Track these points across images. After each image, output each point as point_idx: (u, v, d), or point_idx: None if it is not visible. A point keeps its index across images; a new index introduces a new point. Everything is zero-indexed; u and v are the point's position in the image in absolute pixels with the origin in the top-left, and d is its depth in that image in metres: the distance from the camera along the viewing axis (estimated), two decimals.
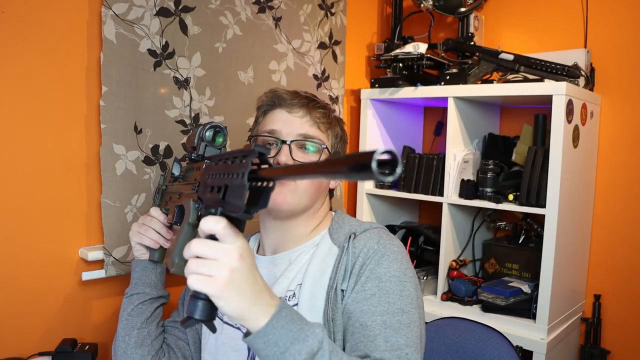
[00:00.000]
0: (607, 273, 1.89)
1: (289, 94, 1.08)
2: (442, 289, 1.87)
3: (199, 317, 0.64)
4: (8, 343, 1.29)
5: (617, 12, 1.85)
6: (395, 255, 0.94)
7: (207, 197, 0.70)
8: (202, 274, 0.63)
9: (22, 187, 1.31)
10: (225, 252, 0.64)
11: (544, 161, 1.67)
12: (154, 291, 1.10)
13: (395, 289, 0.90)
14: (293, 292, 0.99)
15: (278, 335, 0.68)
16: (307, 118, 1.06)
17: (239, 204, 0.61)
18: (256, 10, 1.74)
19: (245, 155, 0.63)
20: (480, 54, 1.86)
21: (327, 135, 1.08)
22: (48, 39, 1.32)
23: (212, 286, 0.63)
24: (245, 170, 0.61)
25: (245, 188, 0.60)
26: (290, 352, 0.68)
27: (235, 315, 0.66)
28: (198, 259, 0.64)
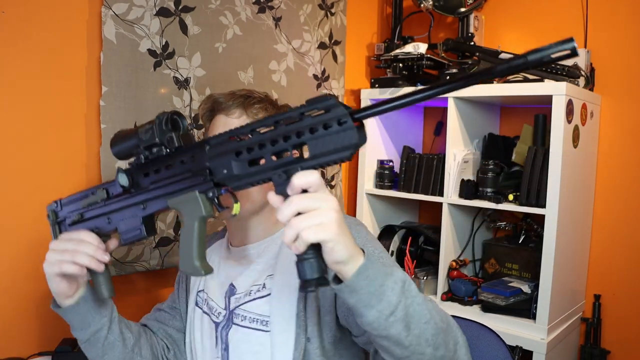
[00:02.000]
0: (607, 273, 1.89)
1: (225, 96, 1.06)
2: (442, 289, 1.87)
3: (317, 274, 0.66)
4: (8, 343, 1.29)
5: (617, 13, 1.85)
6: (370, 236, 1.00)
7: (272, 163, 0.70)
8: (312, 225, 0.65)
9: (22, 187, 1.31)
10: (324, 199, 0.67)
11: (544, 161, 1.67)
12: (104, 320, 0.98)
13: (387, 261, 0.96)
14: (263, 284, 1.00)
15: (375, 270, 0.71)
16: (244, 117, 1.04)
17: (348, 145, 0.65)
18: (256, 10, 1.74)
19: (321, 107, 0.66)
20: (480, 54, 1.86)
21: None
22: (48, 39, 1.32)
23: (328, 231, 0.66)
24: (344, 115, 0.65)
25: (355, 130, 0.64)
26: (388, 285, 0.72)
27: (346, 256, 0.68)
28: (300, 215, 0.65)
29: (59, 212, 0.99)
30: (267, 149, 0.70)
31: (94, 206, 0.93)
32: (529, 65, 0.55)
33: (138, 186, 0.87)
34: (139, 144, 0.85)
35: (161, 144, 0.83)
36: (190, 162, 0.80)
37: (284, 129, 0.68)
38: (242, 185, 0.75)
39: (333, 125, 0.65)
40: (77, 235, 0.90)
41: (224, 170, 0.75)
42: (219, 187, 0.78)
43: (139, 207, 0.87)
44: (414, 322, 0.74)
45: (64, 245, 0.89)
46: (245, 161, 0.72)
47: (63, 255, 0.88)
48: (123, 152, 0.89)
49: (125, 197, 0.89)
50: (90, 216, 0.93)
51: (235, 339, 1.00)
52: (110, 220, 0.91)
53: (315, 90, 1.98)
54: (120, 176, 0.86)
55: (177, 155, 0.82)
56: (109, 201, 0.91)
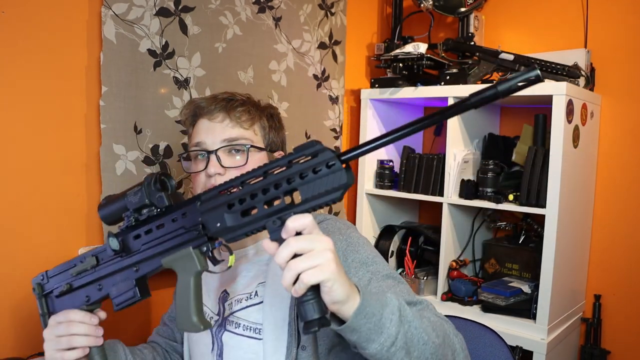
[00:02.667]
0: (607, 273, 1.89)
1: (207, 100, 1.06)
2: (442, 289, 1.87)
3: (319, 314, 0.67)
4: (8, 343, 1.29)
5: (617, 12, 1.85)
6: (362, 240, 1.00)
7: (264, 212, 0.71)
8: (310, 267, 0.66)
9: (22, 187, 1.31)
10: (319, 240, 0.68)
11: (544, 161, 1.67)
12: None
13: (381, 266, 0.96)
14: (255, 291, 1.00)
15: (372, 305, 0.72)
16: (227, 121, 1.03)
17: (338, 187, 0.66)
18: (256, 10, 1.74)
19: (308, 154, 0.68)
20: (481, 54, 1.86)
21: (252, 130, 1.05)
22: (48, 39, 1.32)
23: (326, 272, 0.67)
24: (332, 159, 0.66)
25: (343, 171, 0.66)
26: (385, 316, 0.73)
27: (344, 296, 0.69)
28: (296, 258, 0.66)
29: (45, 284, 0.97)
30: (259, 198, 0.71)
31: (84, 274, 0.92)
32: (499, 94, 0.60)
33: (129, 249, 0.87)
34: (128, 207, 0.86)
35: (151, 204, 0.84)
36: (182, 219, 0.81)
37: (274, 177, 0.70)
38: (236, 237, 0.75)
39: (322, 169, 0.67)
40: (65, 316, 0.90)
41: (217, 224, 0.76)
42: (213, 241, 0.79)
43: (132, 269, 0.87)
44: (414, 346, 0.75)
45: (56, 332, 0.89)
46: (238, 212, 0.74)
47: (59, 343, 0.88)
48: (112, 217, 0.89)
49: (116, 260, 0.89)
50: (79, 285, 0.92)
51: (229, 346, 1.00)
52: (102, 287, 0.90)
53: (316, 90, 1.98)
54: (112, 240, 0.86)
55: (168, 214, 0.83)
56: (99, 267, 0.90)
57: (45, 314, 0.96)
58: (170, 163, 1.54)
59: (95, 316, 0.91)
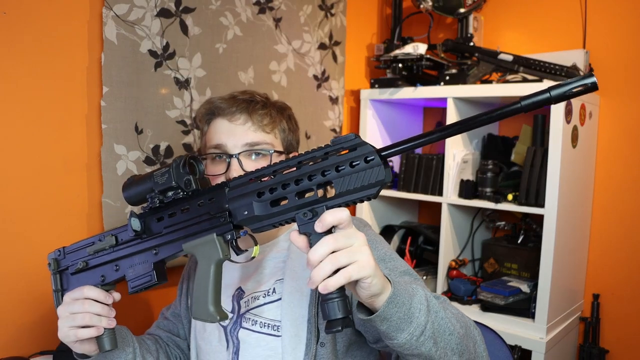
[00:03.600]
0: (606, 273, 1.90)
1: (226, 101, 1.04)
2: (441, 289, 1.88)
3: (343, 314, 0.66)
4: (9, 342, 1.30)
5: (616, 13, 1.86)
6: (378, 238, 1.01)
7: (295, 203, 0.69)
8: (353, 262, 0.65)
9: (23, 187, 1.31)
10: (356, 236, 0.67)
11: (542, 161, 1.68)
12: (130, 357, 0.98)
13: (398, 262, 0.96)
14: (272, 288, 0.99)
15: (402, 295, 0.72)
16: (250, 124, 1.02)
17: (375, 182, 0.64)
18: (256, 11, 1.75)
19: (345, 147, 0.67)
20: (480, 54, 1.87)
21: (273, 134, 1.05)
22: (49, 40, 1.32)
23: (368, 268, 0.66)
24: (371, 153, 0.65)
25: (382, 167, 0.64)
26: (414, 306, 0.73)
27: (380, 289, 0.69)
28: (333, 255, 0.65)
29: (62, 260, 0.95)
30: (291, 188, 0.69)
31: (101, 253, 0.90)
32: (552, 100, 0.57)
33: (150, 231, 0.85)
34: (154, 188, 0.83)
35: (178, 187, 0.82)
36: (208, 205, 0.79)
37: (308, 168, 0.68)
38: (263, 227, 0.74)
39: (360, 163, 0.65)
40: (80, 293, 0.87)
41: (245, 212, 0.74)
42: (238, 230, 0.77)
43: (151, 252, 0.85)
44: (440, 336, 0.75)
45: (71, 309, 0.86)
46: (268, 202, 0.72)
47: (75, 320, 0.85)
48: (137, 197, 0.87)
49: (136, 242, 0.87)
50: (95, 264, 0.90)
51: (247, 343, 0.99)
52: (119, 268, 0.89)
53: (316, 91, 1.98)
54: (134, 221, 0.84)
55: (195, 198, 0.81)
56: (118, 247, 0.88)
57: (58, 290, 0.94)
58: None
59: (110, 295, 0.88)
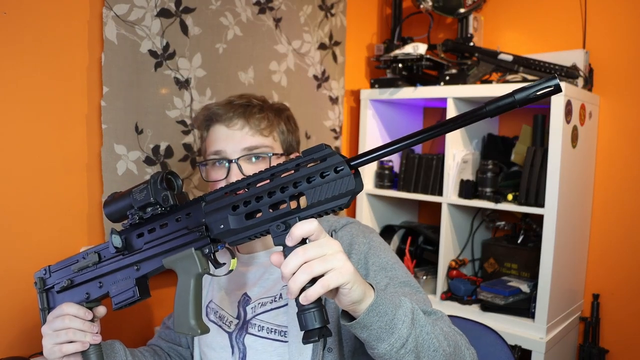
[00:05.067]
0: (606, 272, 1.90)
1: (223, 107, 1.05)
2: (441, 289, 1.88)
3: (320, 323, 0.66)
4: (9, 342, 1.30)
5: (616, 13, 1.86)
6: (383, 246, 1.01)
7: (269, 215, 0.70)
8: (328, 269, 0.65)
9: (23, 187, 1.32)
10: (329, 244, 0.67)
11: (542, 161, 1.68)
12: None
13: (401, 272, 0.96)
14: (279, 294, 0.99)
15: (386, 304, 0.72)
16: (247, 128, 1.03)
17: (345, 192, 0.65)
18: (256, 11, 1.75)
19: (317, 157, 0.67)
20: (480, 54, 1.87)
21: (272, 137, 1.05)
22: (49, 40, 1.32)
23: (346, 274, 0.66)
24: (340, 163, 0.65)
25: (351, 177, 0.65)
26: (398, 317, 0.72)
27: (361, 295, 0.69)
28: (306, 264, 0.65)
29: (47, 279, 0.96)
30: (264, 201, 0.70)
31: (85, 271, 0.91)
32: (516, 104, 0.59)
33: (131, 247, 0.86)
34: (133, 204, 0.84)
35: (156, 202, 0.82)
36: (185, 219, 0.80)
37: (280, 180, 0.69)
38: (239, 240, 0.74)
39: (330, 173, 0.66)
40: (61, 309, 0.87)
41: (221, 226, 0.74)
42: (216, 243, 0.78)
43: (133, 268, 0.86)
44: (424, 352, 0.75)
45: (53, 326, 0.86)
46: (243, 215, 0.72)
47: (58, 336, 0.85)
48: (117, 214, 0.88)
49: (118, 258, 0.87)
50: (80, 281, 0.91)
51: (254, 349, 0.98)
52: (102, 285, 0.89)
53: (316, 91, 1.98)
54: (114, 238, 0.85)
55: (172, 213, 0.82)
56: (101, 264, 0.89)
57: (45, 309, 0.94)
58: (171, 163, 1.55)
59: (90, 312, 0.89)
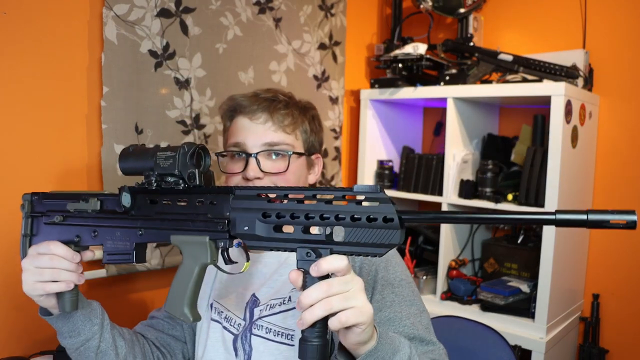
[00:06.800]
0: (606, 272, 1.90)
1: (248, 99, 1.03)
2: (441, 289, 1.88)
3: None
4: (10, 342, 1.30)
5: (616, 13, 1.86)
6: (396, 260, 0.98)
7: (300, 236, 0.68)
8: (349, 307, 0.64)
9: (23, 187, 1.31)
10: (354, 281, 0.66)
11: (542, 161, 1.68)
12: (95, 328, 0.92)
13: (408, 291, 0.94)
14: (288, 297, 0.97)
15: (384, 350, 0.71)
16: (270, 123, 1.00)
17: (387, 244, 0.63)
18: (256, 11, 1.75)
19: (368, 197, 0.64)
20: (480, 54, 1.87)
21: (294, 135, 1.03)
22: (49, 40, 1.32)
23: (365, 315, 0.65)
24: (392, 214, 0.62)
25: (399, 231, 0.62)
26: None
27: (368, 337, 0.68)
28: (327, 300, 0.63)
29: (37, 205, 0.91)
30: (300, 220, 0.67)
31: (82, 214, 0.86)
32: (588, 224, 0.55)
33: (139, 210, 0.81)
34: (154, 169, 0.79)
35: (180, 176, 0.78)
36: (208, 206, 0.75)
37: (323, 207, 0.66)
38: (259, 247, 0.71)
39: (378, 220, 0.63)
40: (47, 248, 0.83)
41: (245, 227, 0.71)
42: (232, 239, 0.74)
43: (136, 231, 0.81)
44: None
45: (38, 262, 0.82)
46: (272, 225, 0.69)
47: (42, 275, 0.82)
48: (133, 170, 0.82)
49: (122, 216, 0.82)
50: (73, 222, 0.86)
51: (259, 351, 0.96)
52: (97, 234, 0.85)
53: (316, 91, 1.98)
54: (124, 196, 0.80)
55: (195, 193, 0.77)
56: (101, 214, 0.84)
57: (27, 235, 0.90)
58: None
59: (78, 255, 0.84)
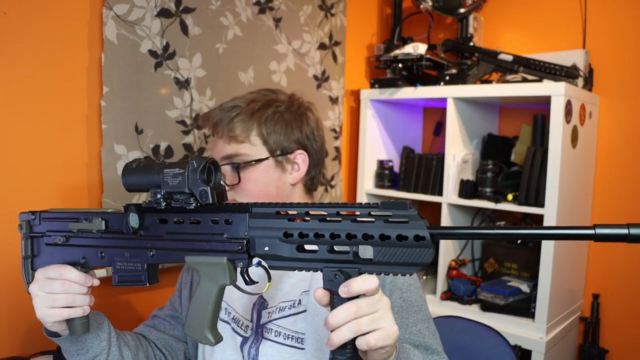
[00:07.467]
0: (606, 272, 1.90)
1: (212, 112, 1.03)
2: (441, 289, 1.88)
3: None
4: (10, 342, 1.30)
5: (616, 13, 1.86)
6: (421, 300, 0.97)
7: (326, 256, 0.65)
8: (377, 329, 0.63)
9: (23, 187, 1.32)
10: (381, 302, 0.64)
11: (542, 161, 1.68)
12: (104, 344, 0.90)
13: (416, 296, 0.93)
14: (298, 300, 0.96)
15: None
16: (225, 137, 1.00)
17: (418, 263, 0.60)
18: (256, 11, 1.75)
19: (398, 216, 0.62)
20: (480, 54, 1.87)
21: (249, 142, 1.00)
22: (49, 40, 1.32)
23: (392, 337, 0.64)
24: (423, 231, 0.60)
25: (431, 250, 0.60)
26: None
27: (389, 356, 0.68)
28: (355, 321, 0.62)
29: (35, 225, 0.88)
30: (325, 240, 0.64)
31: (86, 234, 0.82)
32: (629, 239, 0.54)
33: (147, 230, 0.77)
34: (162, 186, 0.74)
35: (190, 194, 0.73)
36: (224, 225, 0.71)
37: (349, 226, 0.63)
38: (282, 267, 0.68)
39: (409, 239, 0.60)
40: (57, 273, 0.80)
41: (266, 248, 0.67)
42: (251, 258, 0.71)
43: (147, 252, 0.78)
44: None
45: (49, 288, 0.79)
46: (294, 245, 0.66)
47: (56, 301, 0.79)
48: (138, 187, 0.77)
49: (130, 236, 0.79)
50: (78, 243, 0.83)
51: (268, 355, 0.95)
52: (104, 256, 0.81)
53: (316, 91, 1.98)
54: (132, 217, 0.76)
55: (208, 212, 0.73)
56: (107, 234, 0.80)
57: (28, 257, 0.87)
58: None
59: (91, 278, 0.81)
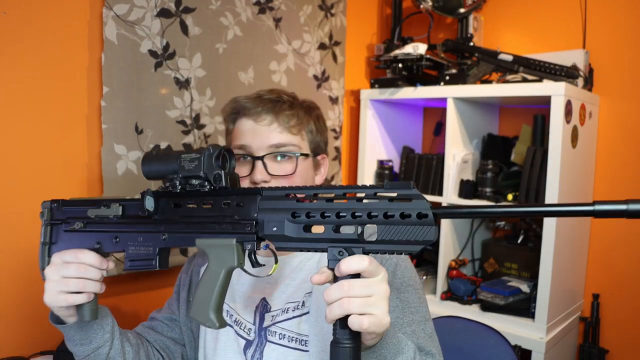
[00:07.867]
0: (606, 272, 1.90)
1: (252, 101, 1.01)
2: (441, 289, 1.88)
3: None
4: (10, 342, 1.30)
5: (616, 13, 1.86)
6: (405, 263, 0.97)
7: (332, 235, 0.66)
8: (367, 313, 0.63)
9: (23, 187, 1.32)
10: (378, 287, 0.64)
11: (542, 161, 1.68)
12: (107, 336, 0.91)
13: (414, 297, 0.93)
14: (302, 302, 0.96)
15: (388, 349, 0.72)
16: (275, 125, 0.99)
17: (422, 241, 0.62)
18: (256, 11, 1.75)
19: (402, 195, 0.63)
20: (480, 54, 1.87)
21: (300, 136, 1.01)
22: (49, 40, 1.32)
23: (382, 325, 0.64)
24: (426, 209, 0.61)
25: (433, 228, 0.61)
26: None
27: (377, 341, 0.69)
28: (346, 299, 0.63)
29: (56, 212, 0.90)
30: (331, 220, 0.66)
31: (103, 219, 0.85)
32: (626, 214, 0.54)
33: (162, 214, 0.80)
34: (178, 171, 0.79)
35: (205, 178, 0.77)
36: (234, 208, 0.74)
37: (354, 205, 0.65)
38: (288, 248, 0.70)
39: (412, 216, 0.62)
40: (75, 257, 0.81)
41: (274, 228, 0.70)
42: (259, 241, 0.73)
43: (159, 236, 0.80)
44: None
45: (65, 271, 0.80)
46: (302, 225, 0.69)
47: (68, 285, 0.79)
48: (157, 174, 0.82)
49: (144, 221, 0.81)
50: (94, 229, 0.86)
51: (273, 358, 0.95)
52: (118, 241, 0.84)
53: (316, 91, 1.98)
54: (148, 200, 0.79)
55: (221, 195, 0.76)
56: (123, 219, 0.83)
57: (46, 243, 0.89)
58: None
59: (106, 262, 0.83)
